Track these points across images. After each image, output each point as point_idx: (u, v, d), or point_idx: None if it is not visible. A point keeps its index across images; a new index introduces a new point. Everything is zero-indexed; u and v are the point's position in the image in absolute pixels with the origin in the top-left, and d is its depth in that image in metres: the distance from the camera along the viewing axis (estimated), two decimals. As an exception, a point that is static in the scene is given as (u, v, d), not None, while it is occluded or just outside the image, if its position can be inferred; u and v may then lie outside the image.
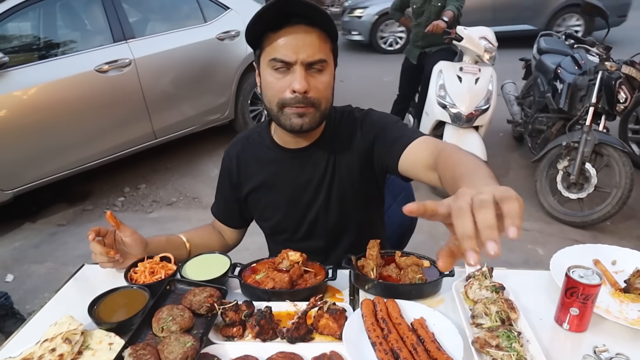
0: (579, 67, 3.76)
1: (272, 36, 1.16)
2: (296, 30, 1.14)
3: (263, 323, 1.00)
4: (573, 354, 0.98)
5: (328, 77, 1.22)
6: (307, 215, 1.42)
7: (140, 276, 1.20)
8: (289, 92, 1.17)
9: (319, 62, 1.17)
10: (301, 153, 1.36)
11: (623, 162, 3.24)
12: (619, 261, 1.25)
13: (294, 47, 1.14)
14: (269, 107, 1.24)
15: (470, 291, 1.11)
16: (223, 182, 1.53)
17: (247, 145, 1.47)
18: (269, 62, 1.18)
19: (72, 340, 0.95)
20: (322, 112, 1.23)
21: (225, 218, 1.57)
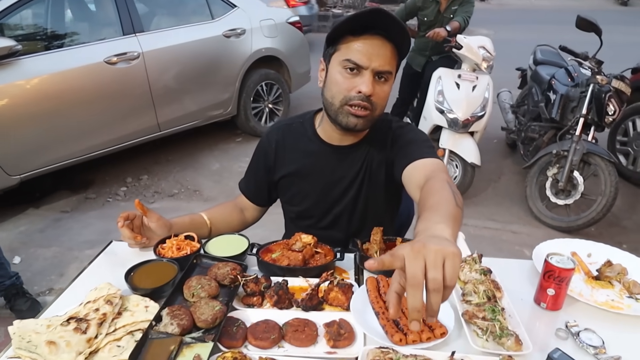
0: (572, 79, 3.93)
1: (352, 39, 1.28)
2: (375, 40, 1.27)
3: (281, 293, 1.14)
4: (548, 328, 1.13)
5: (389, 88, 1.34)
6: (334, 208, 1.54)
7: (168, 251, 1.33)
8: (355, 92, 1.29)
9: (386, 73, 1.30)
10: (342, 150, 1.48)
11: (609, 172, 3.41)
12: (594, 254, 1.41)
13: (369, 54, 1.26)
14: (331, 101, 1.35)
15: (461, 274, 1.26)
16: (257, 162, 1.63)
17: (288, 132, 1.57)
18: (342, 61, 1.30)
19: (112, 302, 1.08)
20: (375, 117, 1.36)
21: (253, 195, 1.68)
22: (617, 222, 3.80)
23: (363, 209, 1.54)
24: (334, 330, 1.05)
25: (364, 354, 0.97)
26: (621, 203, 3.89)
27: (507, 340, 1.02)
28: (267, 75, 5.19)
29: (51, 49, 3.71)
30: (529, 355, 1.02)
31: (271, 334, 1.04)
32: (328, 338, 1.04)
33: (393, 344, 1.02)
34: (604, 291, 1.26)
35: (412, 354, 0.97)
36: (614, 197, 3.38)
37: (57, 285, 2.95)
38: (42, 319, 1.07)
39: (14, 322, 1.03)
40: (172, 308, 1.05)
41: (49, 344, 0.95)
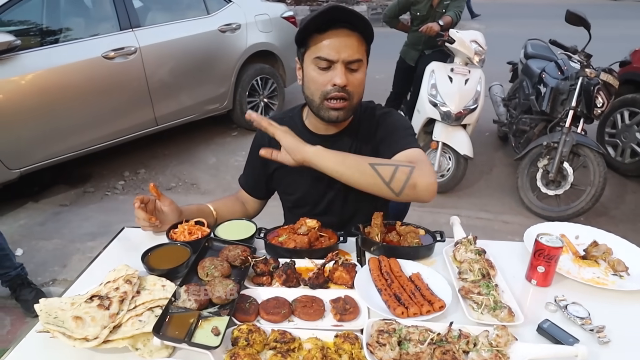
0: (561, 72, 4.03)
1: (318, 37, 1.35)
2: (340, 33, 1.34)
3: (289, 272, 1.22)
4: (538, 302, 1.21)
5: (362, 75, 1.42)
6: (327, 195, 1.63)
7: (180, 236, 1.40)
8: (330, 85, 1.37)
9: (357, 61, 1.37)
10: (329, 139, 1.56)
11: (598, 163, 3.51)
12: (581, 236, 1.50)
13: (337, 48, 1.34)
14: (312, 98, 1.44)
15: (457, 254, 1.34)
16: (254, 157, 1.70)
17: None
18: (313, 59, 1.38)
19: (131, 281, 1.14)
20: (354, 105, 1.44)
21: (252, 189, 1.77)
22: (606, 211, 3.92)
23: (355, 194, 1.58)
24: (340, 305, 1.13)
25: (368, 326, 1.05)
26: (609, 193, 4.01)
27: (500, 312, 1.10)
28: (262, 69, 5.25)
29: (49, 44, 3.73)
30: (521, 326, 1.10)
31: (282, 309, 1.11)
32: (335, 312, 1.12)
33: (395, 316, 1.10)
34: (590, 269, 1.35)
35: (413, 325, 1.05)
36: (602, 187, 3.48)
37: (60, 276, 3.00)
38: (65, 298, 1.13)
39: (40, 301, 1.09)
40: (188, 285, 1.12)
41: (76, 319, 1.02)
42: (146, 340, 1.02)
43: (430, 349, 0.99)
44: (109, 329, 1.01)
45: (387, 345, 0.98)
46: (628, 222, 3.78)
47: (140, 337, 1.03)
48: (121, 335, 1.01)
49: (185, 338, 0.99)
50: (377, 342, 0.99)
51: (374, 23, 5.45)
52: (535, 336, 1.10)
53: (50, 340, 1.02)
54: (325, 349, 1.00)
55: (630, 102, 4.28)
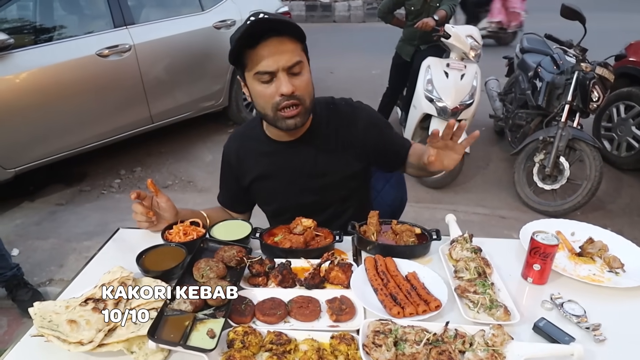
0: (557, 66, 4.02)
1: (251, 53, 1.33)
2: (270, 43, 1.31)
3: (285, 273, 1.21)
4: (534, 300, 1.22)
5: (307, 75, 1.40)
6: (304, 199, 1.62)
7: (175, 236, 1.40)
8: (278, 96, 1.35)
9: (296, 64, 1.34)
10: (293, 144, 1.55)
11: (594, 157, 3.51)
12: (577, 232, 1.50)
13: (273, 58, 1.31)
14: (264, 112, 1.42)
15: (453, 252, 1.34)
16: (226, 174, 1.72)
17: (244, 140, 1.66)
18: (254, 75, 1.35)
19: (127, 283, 1.14)
20: (307, 107, 1.42)
21: (232, 205, 1.77)
22: (602, 205, 3.93)
23: (333, 192, 1.62)
24: (335, 305, 1.13)
25: (365, 326, 1.05)
26: (606, 187, 4.01)
27: (496, 311, 1.10)
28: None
29: (43, 42, 3.71)
30: (517, 325, 1.10)
31: (277, 310, 1.11)
32: (331, 313, 1.12)
33: (391, 316, 1.10)
34: (586, 266, 1.35)
35: (409, 325, 1.05)
36: (598, 181, 3.49)
37: (57, 276, 2.99)
38: (60, 301, 1.13)
39: (34, 304, 1.08)
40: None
41: (70, 322, 1.01)
42: (141, 343, 1.02)
43: (427, 349, 0.99)
44: (104, 332, 1.01)
45: (383, 346, 0.98)
46: (624, 216, 3.79)
47: (136, 340, 1.02)
48: (116, 338, 1.01)
49: (181, 341, 0.98)
50: (373, 342, 0.99)
51: (369, 18, 5.48)
52: (532, 335, 1.10)
53: (44, 345, 1.02)
54: (321, 351, 1.00)
55: (626, 95, 4.28)
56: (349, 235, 1.46)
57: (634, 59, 4.29)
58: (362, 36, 10.85)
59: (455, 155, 1.36)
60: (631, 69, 4.27)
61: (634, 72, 4.25)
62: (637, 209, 3.88)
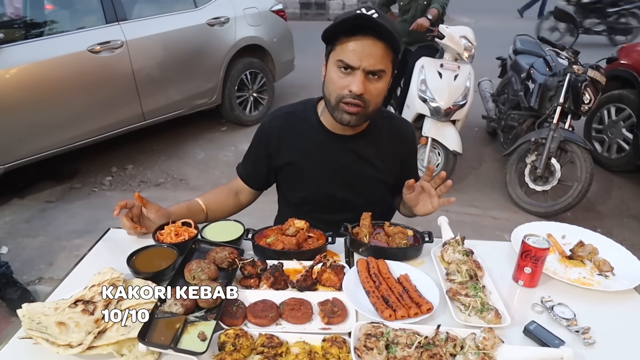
0: (550, 68, 4.05)
1: (345, 40, 1.34)
2: (365, 40, 1.32)
3: (277, 275, 1.21)
4: (525, 303, 1.22)
5: (383, 85, 1.40)
6: (337, 193, 1.62)
7: (166, 237, 1.38)
8: (347, 91, 1.36)
9: (379, 71, 1.35)
10: (346, 139, 1.56)
11: (585, 159, 3.55)
12: (568, 235, 1.51)
13: (360, 54, 1.32)
14: (328, 98, 1.43)
15: (445, 255, 1.34)
16: (258, 148, 1.67)
17: (291, 120, 1.62)
18: (336, 61, 1.36)
19: (117, 285, 1.13)
20: (369, 113, 1.43)
21: (251, 180, 1.73)
22: (592, 207, 3.97)
23: (364, 193, 1.63)
24: (327, 308, 1.13)
25: (356, 329, 1.05)
26: (596, 189, 4.06)
27: (487, 314, 1.11)
28: (252, 64, 5.20)
29: (34, 38, 3.66)
30: (508, 328, 1.11)
31: (269, 313, 1.11)
32: (322, 315, 1.11)
33: (383, 319, 1.10)
34: (576, 269, 1.37)
35: (400, 328, 1.05)
36: (589, 183, 3.53)
37: (46, 275, 2.96)
38: (49, 302, 1.11)
39: (23, 306, 1.07)
40: (174, 290, 1.10)
41: (59, 324, 1.00)
42: (131, 346, 1.01)
43: (418, 352, 0.99)
44: (94, 334, 1.00)
45: (375, 349, 0.98)
46: (614, 217, 3.83)
47: (126, 342, 1.01)
48: (106, 341, 1.00)
49: (171, 344, 0.97)
50: (364, 346, 0.99)
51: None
52: (522, 338, 1.10)
53: (33, 347, 1.00)
54: (312, 354, 0.99)
55: (617, 98, 4.33)
56: (341, 237, 1.46)
57: (626, 62, 4.33)
58: (356, 35, 10.82)
59: (430, 206, 1.47)
60: (622, 72, 4.32)
61: (625, 74, 4.29)
62: (627, 211, 3.92)
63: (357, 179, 1.61)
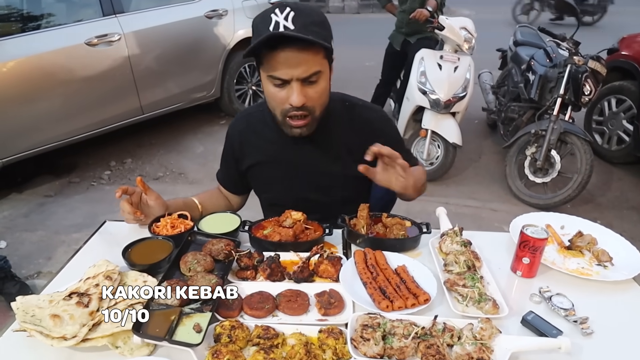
0: (550, 60, 4.02)
1: (268, 54, 1.25)
2: (289, 51, 1.22)
3: (274, 266, 1.20)
4: (523, 294, 1.22)
5: (323, 85, 1.33)
6: (302, 193, 1.58)
7: (162, 229, 1.38)
8: (288, 105, 1.30)
9: (313, 74, 1.27)
10: (302, 139, 1.46)
11: (585, 150, 3.53)
12: (566, 226, 1.50)
13: (288, 66, 1.24)
14: (274, 113, 1.38)
15: (443, 246, 1.33)
16: (227, 154, 1.67)
17: (250, 122, 1.60)
18: (267, 77, 1.29)
19: (112, 277, 1.12)
20: (316, 117, 1.37)
21: (228, 185, 1.74)
22: (592, 199, 3.95)
23: (334, 191, 1.58)
24: (324, 299, 1.12)
25: (353, 320, 1.04)
26: (596, 180, 4.04)
27: (485, 304, 1.10)
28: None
29: (31, 31, 3.63)
30: (506, 318, 1.10)
31: (265, 304, 1.10)
32: (319, 307, 1.11)
33: (380, 310, 1.09)
34: (575, 260, 1.36)
35: (397, 319, 1.05)
36: (589, 174, 3.51)
37: (45, 269, 2.96)
38: (43, 295, 1.11)
39: (17, 298, 1.06)
40: (170, 282, 1.10)
41: (53, 317, 0.99)
42: (126, 338, 1.00)
43: (415, 343, 0.98)
44: (88, 326, 0.99)
45: (371, 339, 0.97)
46: (614, 209, 3.82)
47: (121, 334, 1.00)
48: (100, 333, 0.99)
49: (166, 336, 0.97)
50: (361, 336, 0.98)
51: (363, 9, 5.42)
52: (520, 328, 1.10)
53: (27, 340, 1.00)
54: (309, 345, 0.99)
55: (618, 89, 4.30)
56: (339, 229, 1.45)
57: (626, 53, 4.30)
58: (356, 28, 10.79)
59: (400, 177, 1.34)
60: (623, 63, 4.29)
61: (625, 66, 4.26)
62: (627, 202, 3.91)
63: (324, 179, 1.55)
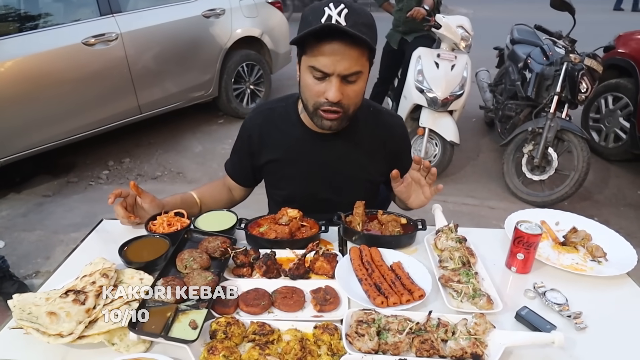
0: (547, 58, 4.03)
1: (315, 44, 1.24)
2: (336, 44, 1.22)
3: (269, 263, 1.21)
4: (518, 289, 1.22)
5: (361, 85, 1.33)
6: (319, 193, 1.58)
7: (159, 227, 1.38)
8: (323, 98, 1.30)
9: (354, 74, 1.28)
10: (326, 137, 1.50)
11: (581, 148, 3.54)
12: (561, 222, 1.51)
13: (333, 60, 1.23)
14: (305, 103, 1.38)
15: (439, 242, 1.34)
16: (241, 146, 1.64)
17: (272, 117, 1.57)
18: (308, 67, 1.29)
19: (108, 275, 1.12)
20: (349, 115, 1.38)
21: (238, 177, 1.71)
22: (590, 196, 3.97)
23: (350, 192, 1.57)
24: (320, 296, 1.13)
25: (348, 316, 1.05)
26: (593, 178, 4.05)
27: (479, 300, 1.11)
28: (248, 56, 5.17)
29: (28, 30, 3.63)
30: (500, 313, 1.11)
31: (261, 301, 1.11)
32: (315, 303, 1.11)
33: (375, 306, 1.10)
34: (569, 255, 1.37)
35: (392, 315, 1.05)
36: (586, 172, 3.52)
37: (43, 268, 2.96)
38: (40, 293, 1.11)
39: (14, 296, 1.07)
40: (166, 279, 1.11)
41: (50, 314, 1.00)
42: (123, 334, 1.01)
43: (409, 338, 0.99)
44: (85, 324, 1.00)
45: (366, 335, 0.98)
46: (611, 206, 3.83)
47: (117, 331, 1.01)
48: (97, 330, 1.00)
49: (162, 332, 0.97)
50: (356, 332, 0.99)
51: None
52: (514, 323, 1.10)
53: (24, 337, 1.00)
54: (304, 340, 0.99)
55: (614, 87, 4.31)
56: (335, 226, 1.46)
57: (623, 51, 4.31)
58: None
59: (422, 197, 1.44)
60: (619, 61, 4.30)
61: (622, 63, 4.27)
62: (624, 200, 3.92)
63: (340, 179, 1.56)
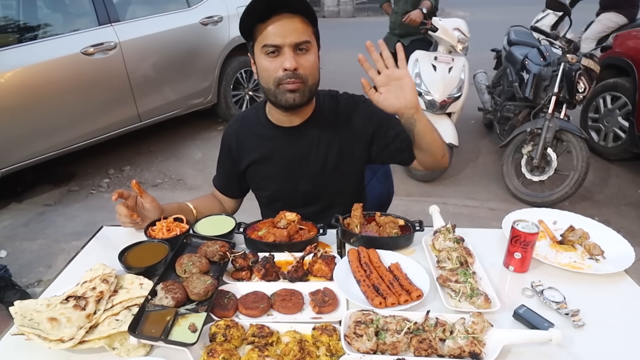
0: (544, 58, 4.04)
1: (262, 27, 1.36)
2: (281, 18, 1.34)
3: (268, 266, 1.21)
4: (515, 288, 1.23)
5: (313, 56, 1.42)
6: (301, 186, 1.62)
7: (158, 233, 1.39)
8: (282, 71, 1.37)
9: (304, 42, 1.37)
10: (294, 130, 1.56)
11: (580, 148, 3.54)
12: (559, 221, 1.51)
13: (281, 32, 1.34)
14: (267, 87, 1.43)
15: (436, 243, 1.35)
16: (224, 157, 1.73)
17: (245, 123, 1.66)
18: (261, 49, 1.38)
19: (108, 280, 1.13)
20: (310, 87, 1.43)
21: (225, 189, 1.78)
22: (590, 196, 3.96)
23: (329, 182, 1.61)
24: (318, 298, 1.13)
25: (346, 317, 1.05)
26: (593, 177, 4.06)
27: (477, 299, 1.11)
28: (246, 62, 5.19)
29: (28, 41, 3.66)
30: (498, 312, 1.12)
31: (260, 304, 1.11)
32: (313, 305, 1.12)
33: (373, 307, 1.11)
34: (567, 254, 1.37)
35: (390, 315, 1.06)
36: (585, 172, 3.52)
37: (45, 277, 2.97)
38: (41, 299, 1.12)
39: (15, 303, 1.08)
40: (166, 283, 1.12)
41: (51, 320, 1.01)
42: (123, 339, 1.02)
43: (407, 338, 1.00)
44: (85, 329, 1.00)
45: (365, 335, 0.98)
46: (611, 206, 3.83)
47: (117, 336, 1.02)
48: (97, 335, 1.00)
49: (162, 336, 0.98)
50: (354, 333, 1.00)
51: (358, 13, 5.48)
52: (512, 322, 1.11)
53: (25, 343, 1.01)
54: (303, 342, 1.00)
55: (612, 86, 4.32)
56: (333, 228, 1.47)
57: (620, 50, 4.33)
58: (352, 31, 10.84)
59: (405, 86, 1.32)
60: (617, 60, 4.31)
61: (619, 63, 4.28)
62: (624, 199, 3.92)
63: (316, 169, 1.59)
